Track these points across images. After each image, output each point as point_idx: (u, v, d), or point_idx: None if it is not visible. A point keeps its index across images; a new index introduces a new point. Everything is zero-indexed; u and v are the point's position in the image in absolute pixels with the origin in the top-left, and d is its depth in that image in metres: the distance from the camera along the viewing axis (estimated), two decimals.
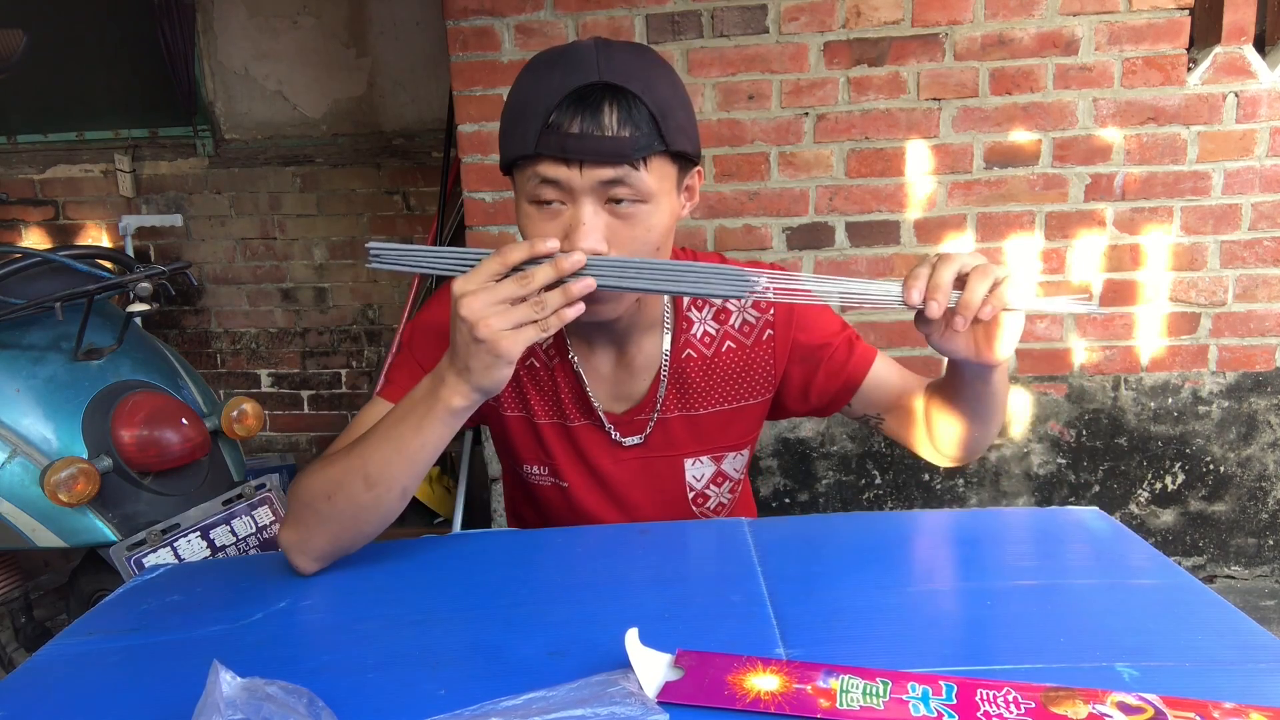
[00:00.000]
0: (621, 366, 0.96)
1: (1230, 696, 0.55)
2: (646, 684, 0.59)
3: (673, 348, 0.96)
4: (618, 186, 0.78)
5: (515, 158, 0.80)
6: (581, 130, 0.75)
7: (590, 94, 0.76)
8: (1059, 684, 0.57)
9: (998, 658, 0.62)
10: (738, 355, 0.97)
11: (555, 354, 0.96)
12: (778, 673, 0.60)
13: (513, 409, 0.98)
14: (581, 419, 0.97)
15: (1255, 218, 2.08)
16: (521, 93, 0.80)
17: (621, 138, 0.76)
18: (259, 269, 3.21)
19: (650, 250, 0.82)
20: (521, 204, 0.82)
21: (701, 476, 1.00)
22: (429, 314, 0.95)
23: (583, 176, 0.77)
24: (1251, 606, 2.13)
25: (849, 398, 0.99)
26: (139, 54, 3.05)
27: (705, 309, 0.97)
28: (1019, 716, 0.54)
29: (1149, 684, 0.57)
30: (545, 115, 0.76)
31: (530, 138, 0.77)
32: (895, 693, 0.57)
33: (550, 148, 0.76)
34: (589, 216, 0.78)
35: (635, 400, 0.97)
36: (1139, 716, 0.54)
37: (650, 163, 0.79)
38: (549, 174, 0.77)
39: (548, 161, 0.77)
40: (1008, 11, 2.02)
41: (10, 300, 1.49)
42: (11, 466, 1.46)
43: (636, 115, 0.77)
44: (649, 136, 0.77)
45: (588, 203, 0.78)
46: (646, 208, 0.80)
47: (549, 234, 0.79)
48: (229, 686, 0.57)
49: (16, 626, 1.73)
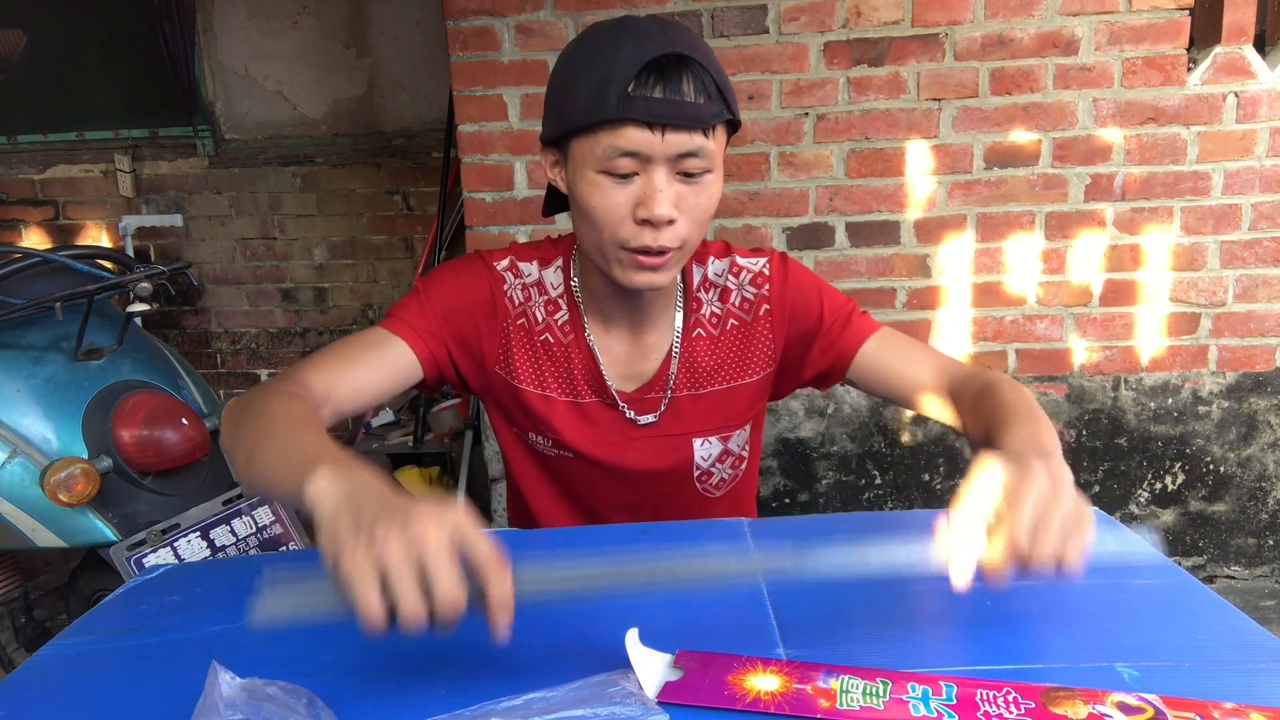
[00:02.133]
0: (635, 345, 0.97)
1: (1230, 696, 0.55)
2: (646, 684, 0.59)
3: (684, 327, 0.97)
4: (690, 158, 0.80)
5: (593, 123, 0.79)
6: (666, 97, 0.77)
7: (667, 64, 0.78)
8: (1059, 684, 0.57)
9: (998, 658, 0.62)
10: (740, 332, 0.98)
11: (571, 331, 0.97)
12: (778, 673, 0.59)
13: (526, 380, 0.97)
14: (592, 396, 0.97)
15: (1255, 218, 2.08)
16: (587, 63, 0.80)
17: (700, 104, 0.79)
18: (259, 269, 3.21)
19: (705, 219, 0.85)
20: (587, 173, 0.82)
21: (709, 456, 1.01)
22: (446, 279, 0.95)
23: (664, 143, 0.78)
24: (1251, 606, 2.13)
25: (841, 375, 0.99)
26: (139, 54, 3.05)
27: (712, 289, 0.98)
28: (1019, 717, 0.54)
29: (1149, 684, 0.57)
30: (625, 83, 0.77)
31: (611, 104, 0.77)
32: (895, 693, 0.56)
33: (637, 112, 0.77)
34: (663, 184, 0.80)
35: (645, 379, 0.98)
36: (1139, 717, 0.54)
37: (717, 132, 0.82)
38: (630, 143, 0.79)
39: (632, 127, 0.78)
40: (1008, 11, 2.02)
41: (10, 300, 1.49)
42: (11, 466, 1.46)
43: (707, 84, 0.79)
44: (718, 104, 0.80)
45: (662, 171, 0.80)
46: (710, 176, 0.83)
47: (622, 206, 0.81)
48: (228, 687, 0.57)
49: (16, 626, 1.73)
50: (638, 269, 0.84)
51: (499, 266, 0.96)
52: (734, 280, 0.98)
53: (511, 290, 0.96)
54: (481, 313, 0.94)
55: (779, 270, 0.98)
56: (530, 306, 0.96)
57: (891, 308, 2.19)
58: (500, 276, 0.96)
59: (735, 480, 1.05)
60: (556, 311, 0.97)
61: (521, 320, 0.96)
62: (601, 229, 0.83)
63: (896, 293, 2.18)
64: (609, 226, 0.83)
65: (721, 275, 0.99)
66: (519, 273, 0.97)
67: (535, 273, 0.97)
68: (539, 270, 0.97)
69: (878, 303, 2.18)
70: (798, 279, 0.98)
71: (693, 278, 0.98)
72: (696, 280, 0.99)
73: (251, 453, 0.72)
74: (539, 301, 0.97)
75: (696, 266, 0.99)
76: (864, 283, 2.18)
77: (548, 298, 0.97)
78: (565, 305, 0.97)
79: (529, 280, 0.97)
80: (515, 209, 2.18)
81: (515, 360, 0.97)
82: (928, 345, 1.00)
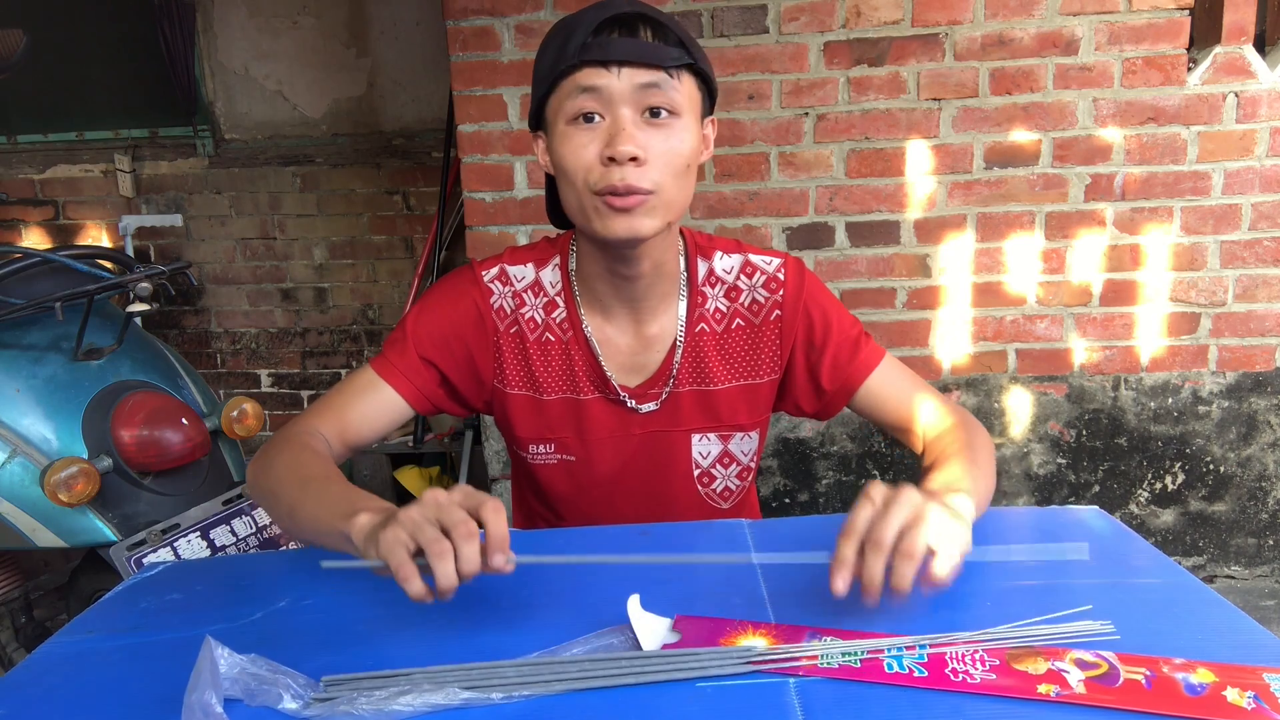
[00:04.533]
0: (637, 338, 0.96)
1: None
2: (646, 644, 0.62)
3: (688, 319, 0.97)
4: (654, 92, 0.81)
5: (556, 76, 0.83)
6: (620, 38, 0.81)
7: (626, 18, 0.82)
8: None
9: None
10: (747, 333, 0.98)
11: (569, 327, 0.96)
12: (766, 635, 0.64)
13: (518, 387, 0.97)
14: (594, 392, 0.97)
15: (1255, 218, 2.08)
16: (554, 34, 0.85)
17: (658, 45, 0.81)
18: (259, 269, 3.21)
19: (679, 170, 0.84)
20: (558, 129, 0.84)
21: (708, 454, 1.01)
22: (432, 306, 0.96)
23: (621, 79, 0.80)
24: (1251, 606, 2.13)
25: (845, 401, 1.00)
26: (139, 54, 3.05)
27: (719, 285, 0.98)
28: (984, 672, 0.58)
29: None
30: (584, 36, 0.81)
31: (570, 53, 0.81)
32: (872, 652, 0.61)
33: (592, 54, 0.80)
34: (628, 123, 0.81)
35: (650, 372, 0.97)
36: (1094, 671, 0.58)
37: (682, 78, 0.83)
38: (588, 78, 0.81)
39: (589, 69, 0.81)
40: (1008, 11, 2.02)
41: (10, 300, 1.49)
42: (11, 466, 1.46)
43: (669, 35, 0.83)
44: (679, 51, 0.83)
45: (626, 109, 0.82)
46: (680, 121, 0.83)
47: (590, 150, 0.82)
48: (224, 662, 0.58)
49: (16, 626, 1.73)
50: (613, 213, 0.83)
51: (487, 278, 0.96)
52: (746, 280, 0.98)
53: (501, 301, 0.96)
54: (470, 332, 0.95)
55: (795, 277, 0.97)
56: (524, 312, 0.96)
57: (891, 308, 2.19)
58: (487, 289, 0.95)
59: (742, 492, 1.05)
60: (554, 310, 0.96)
61: (514, 329, 0.96)
62: (574, 177, 0.84)
63: (896, 293, 2.18)
64: (579, 172, 0.83)
65: (731, 272, 0.98)
66: (509, 280, 0.96)
67: (530, 275, 0.97)
68: (535, 271, 0.97)
69: (877, 303, 2.19)
70: (813, 291, 0.98)
71: (697, 271, 0.98)
72: (702, 274, 0.98)
73: (292, 511, 0.79)
74: (536, 304, 0.96)
75: (701, 260, 0.98)
76: (864, 283, 2.18)
77: (546, 298, 0.97)
78: (563, 302, 0.96)
79: (523, 285, 0.96)
80: (515, 209, 2.18)
81: (508, 370, 0.97)
82: (920, 379, 1.01)
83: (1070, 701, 0.55)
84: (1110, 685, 0.56)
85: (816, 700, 0.57)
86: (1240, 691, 0.55)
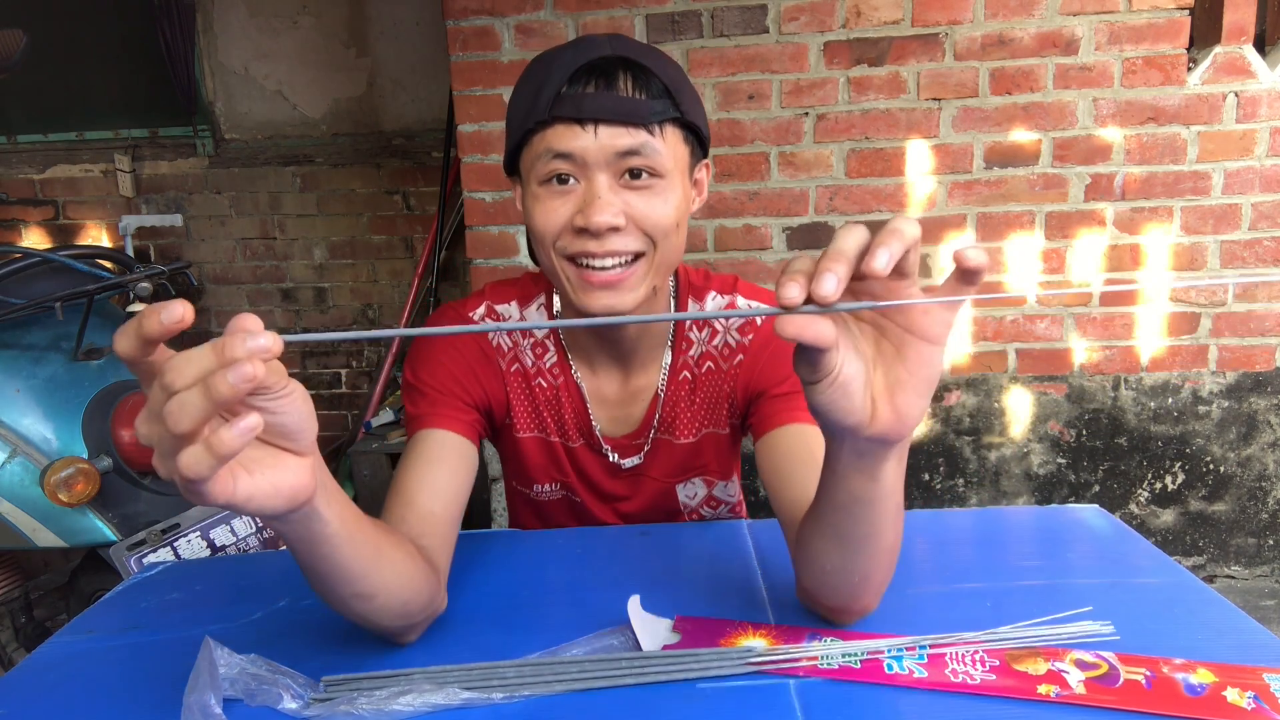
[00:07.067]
0: (624, 388, 0.92)
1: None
2: (646, 645, 0.62)
3: (671, 369, 0.92)
4: (634, 157, 0.73)
5: (525, 131, 0.75)
6: (596, 92, 0.72)
7: (604, 65, 0.73)
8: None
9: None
10: (714, 378, 0.92)
11: (560, 374, 0.92)
12: (766, 636, 0.64)
13: (527, 429, 0.93)
14: (580, 440, 0.94)
15: (1255, 218, 2.08)
16: (529, 77, 0.77)
17: (638, 99, 0.73)
18: (259, 269, 3.21)
19: (668, 231, 0.76)
20: (531, 189, 0.77)
21: (694, 496, 0.98)
22: (434, 353, 0.88)
23: (597, 140, 0.72)
24: (1251, 606, 2.13)
25: (757, 436, 0.87)
26: (139, 54, 3.05)
27: (704, 328, 0.91)
28: (984, 673, 0.58)
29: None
30: (558, 86, 0.72)
31: (542, 106, 0.73)
32: (872, 652, 0.61)
33: (564, 109, 0.72)
34: (603, 190, 0.73)
35: (634, 424, 0.93)
36: (1094, 671, 0.58)
37: (666, 134, 0.75)
38: (562, 144, 0.73)
39: (561, 126, 0.73)
40: (1008, 11, 2.02)
41: (10, 300, 1.49)
42: (11, 466, 1.46)
43: (651, 85, 0.74)
44: (664, 104, 0.74)
45: (602, 175, 0.74)
46: (663, 182, 0.75)
47: (560, 215, 0.74)
48: (223, 662, 0.58)
49: (16, 626, 1.73)
50: (587, 288, 0.76)
51: (476, 317, 0.91)
52: (722, 320, 0.91)
53: (498, 338, 0.90)
54: (479, 367, 0.89)
55: (769, 325, 0.88)
56: (520, 351, 0.91)
57: None
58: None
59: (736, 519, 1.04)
60: (545, 354, 0.91)
61: (515, 366, 0.91)
62: (543, 242, 0.77)
63: None
64: (548, 238, 0.76)
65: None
66: (499, 317, 0.92)
67: (515, 314, 0.91)
68: (519, 311, 0.92)
69: None
70: (781, 343, 0.85)
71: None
72: (690, 320, 0.92)
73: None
74: (525, 346, 0.91)
75: (693, 302, 0.92)
76: None
77: (534, 340, 0.91)
78: (552, 346, 0.91)
79: None
80: (515, 209, 2.16)
81: (516, 409, 0.92)
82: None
83: (1070, 702, 0.55)
84: (1110, 686, 0.56)
85: (817, 701, 0.57)
86: (1240, 692, 0.55)
